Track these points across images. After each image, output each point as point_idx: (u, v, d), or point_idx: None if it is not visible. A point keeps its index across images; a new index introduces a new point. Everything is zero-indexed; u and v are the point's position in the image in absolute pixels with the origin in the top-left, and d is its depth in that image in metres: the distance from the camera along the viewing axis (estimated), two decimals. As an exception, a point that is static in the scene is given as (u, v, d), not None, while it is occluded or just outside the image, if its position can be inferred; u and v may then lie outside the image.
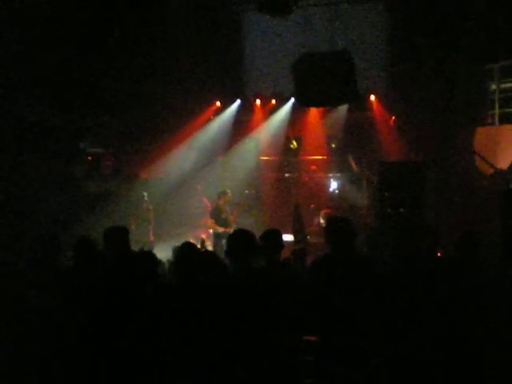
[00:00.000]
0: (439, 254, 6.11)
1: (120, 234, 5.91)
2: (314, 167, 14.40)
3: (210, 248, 10.93)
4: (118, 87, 13.14)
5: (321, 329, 4.61)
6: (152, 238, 11.99)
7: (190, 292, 4.50)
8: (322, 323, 4.59)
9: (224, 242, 9.72)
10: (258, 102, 15.14)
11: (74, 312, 4.76)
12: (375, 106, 14.31)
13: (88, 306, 4.74)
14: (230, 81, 14.80)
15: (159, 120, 14.03)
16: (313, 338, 4.60)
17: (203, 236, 11.94)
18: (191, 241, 9.81)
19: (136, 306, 4.52)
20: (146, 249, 9.71)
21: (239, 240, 4.84)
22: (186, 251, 4.91)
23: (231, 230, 9.86)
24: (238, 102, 15.21)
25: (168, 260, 6.99)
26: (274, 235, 5.19)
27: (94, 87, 12.54)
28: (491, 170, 12.03)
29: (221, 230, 11.30)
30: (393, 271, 4.91)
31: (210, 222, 11.66)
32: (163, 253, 8.61)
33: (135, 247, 6.66)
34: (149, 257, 4.99)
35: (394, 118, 13.96)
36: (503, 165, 11.82)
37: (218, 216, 11.66)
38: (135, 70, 13.18)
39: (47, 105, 11.43)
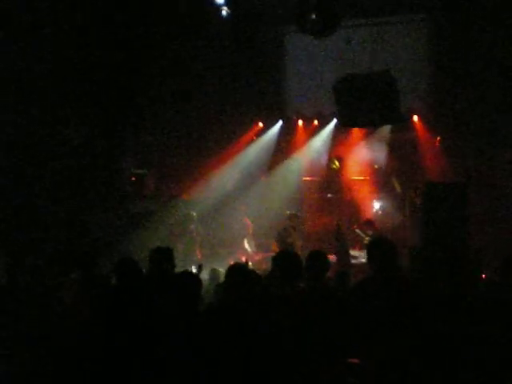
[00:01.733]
0: (484, 277, 6.01)
1: (165, 255, 5.96)
2: (356, 188, 14.31)
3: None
4: (161, 108, 13.32)
5: (364, 351, 4.55)
6: (200, 256, 12.03)
7: (234, 314, 4.49)
8: (364, 345, 4.53)
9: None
10: (300, 122, 15.17)
11: (111, 330, 4.81)
12: (418, 126, 14.20)
13: (126, 324, 4.77)
14: (272, 102, 14.84)
15: (202, 141, 14.16)
16: (356, 361, 4.55)
17: (244, 258, 11.93)
18: (231, 262, 9.86)
19: (177, 328, 4.54)
20: (195, 268, 9.80)
21: (284, 261, 4.83)
22: (237, 273, 4.87)
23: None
24: (280, 122, 15.25)
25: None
26: (319, 257, 5.16)
27: (136, 108, 12.73)
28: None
29: None
30: (436, 293, 4.84)
31: (274, 245, 11.32)
32: (204, 274, 8.67)
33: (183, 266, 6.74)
34: (192, 278, 5.01)
35: (439, 138, 13.83)
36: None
37: (282, 240, 11.44)
38: (178, 91, 13.34)
39: (91, 126, 11.62)
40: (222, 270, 4.98)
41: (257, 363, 4.23)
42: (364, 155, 14.53)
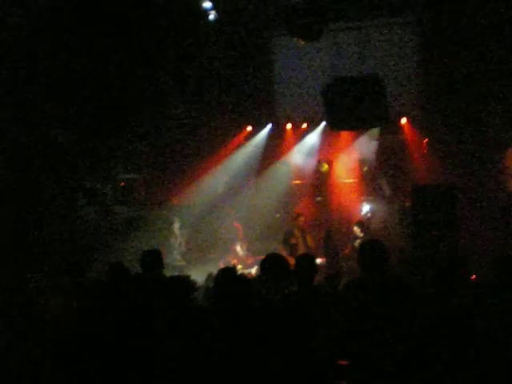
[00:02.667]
0: (474, 278, 6.03)
1: (154, 257, 5.99)
2: (345, 191, 14.34)
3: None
4: (150, 113, 13.31)
5: (352, 353, 4.55)
6: (183, 262, 12.06)
7: (225, 317, 4.50)
8: (353, 347, 4.54)
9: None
10: (289, 126, 15.16)
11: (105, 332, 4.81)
12: (407, 128, 14.24)
13: (117, 328, 4.77)
14: (261, 105, 14.83)
15: (191, 145, 14.15)
16: (344, 363, 4.56)
17: (234, 261, 11.94)
18: (221, 266, 9.89)
19: (169, 330, 4.54)
20: (176, 273, 9.82)
21: (271, 264, 4.83)
22: (227, 276, 4.88)
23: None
24: (269, 126, 15.25)
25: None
26: (307, 260, 5.16)
27: (125, 113, 12.71)
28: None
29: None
30: (426, 295, 4.85)
31: (280, 247, 11.27)
32: (194, 277, 8.64)
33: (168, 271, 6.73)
34: (186, 282, 5.03)
35: (426, 140, 13.88)
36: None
37: (286, 242, 11.43)
38: (166, 96, 13.34)
39: (80, 130, 11.60)
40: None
41: (246, 365, 4.24)
42: (353, 158, 14.56)
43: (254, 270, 11.03)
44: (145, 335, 4.68)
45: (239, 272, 10.86)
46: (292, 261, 5.20)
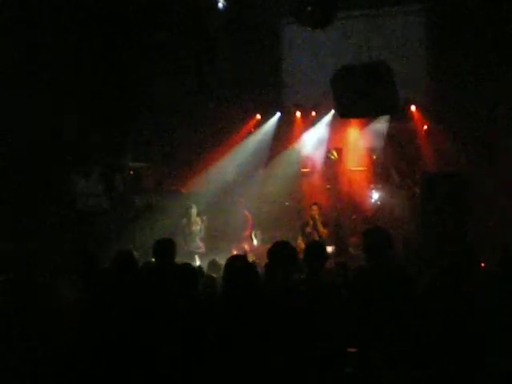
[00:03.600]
0: (483, 266, 6.03)
1: (166, 246, 6.03)
2: (354, 178, 14.33)
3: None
4: (158, 102, 13.33)
5: (360, 341, 4.59)
6: (203, 249, 12.08)
7: (233, 305, 4.53)
8: (360, 335, 4.57)
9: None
10: (298, 114, 15.14)
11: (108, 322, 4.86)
12: (416, 116, 14.21)
13: (125, 318, 4.82)
14: (269, 93, 14.82)
15: (199, 134, 14.15)
16: (352, 350, 4.59)
17: (247, 249, 11.97)
18: (234, 252, 9.94)
19: (176, 318, 4.59)
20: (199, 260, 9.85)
21: (278, 252, 4.86)
22: (236, 264, 4.89)
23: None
24: (278, 114, 15.24)
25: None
26: (317, 247, 5.19)
27: (135, 102, 12.74)
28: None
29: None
30: (433, 283, 4.86)
31: (297, 237, 11.28)
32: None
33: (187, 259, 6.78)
34: (188, 269, 5.06)
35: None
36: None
37: (302, 231, 11.43)
38: (175, 86, 13.35)
39: (90, 121, 11.64)
40: (223, 263, 4.99)
41: (254, 353, 4.28)
42: (362, 146, 14.55)
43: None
44: (148, 326, 4.73)
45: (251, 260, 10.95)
46: None
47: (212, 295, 5.54)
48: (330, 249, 10.12)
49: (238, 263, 4.87)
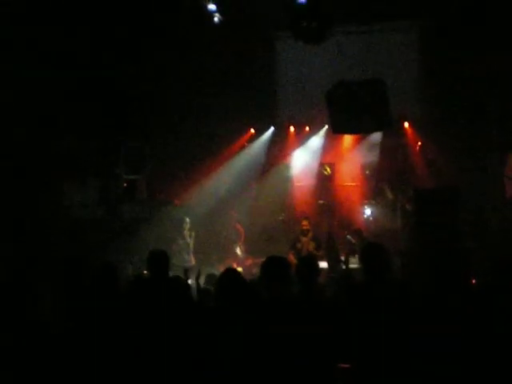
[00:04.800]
0: (474, 281, 6.04)
1: (160, 258, 5.97)
2: (347, 194, 14.36)
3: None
4: (153, 114, 13.35)
5: (355, 356, 4.58)
6: (193, 262, 12.08)
7: (226, 318, 4.52)
8: (356, 350, 4.56)
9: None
10: (291, 128, 15.19)
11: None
12: (409, 132, 14.28)
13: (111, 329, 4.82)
14: (263, 108, 14.85)
15: (193, 147, 14.16)
16: (346, 366, 4.58)
17: (234, 264, 11.97)
18: (222, 268, 9.90)
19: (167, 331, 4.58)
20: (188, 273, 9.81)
21: (272, 267, 4.84)
22: (230, 277, 4.88)
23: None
24: (272, 128, 15.28)
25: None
26: (310, 261, 5.18)
27: (128, 114, 12.75)
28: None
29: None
30: (429, 298, 4.87)
31: (288, 252, 11.07)
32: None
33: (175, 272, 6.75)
34: (178, 282, 5.06)
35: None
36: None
37: (293, 247, 11.28)
38: (169, 98, 13.37)
39: (84, 132, 11.63)
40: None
41: (245, 368, 4.27)
42: (355, 161, 14.59)
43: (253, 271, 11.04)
44: (138, 338, 4.73)
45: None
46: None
47: (208, 308, 5.52)
48: (322, 264, 10.09)
49: (230, 277, 4.87)
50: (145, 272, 6.57)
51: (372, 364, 4.45)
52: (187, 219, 12.55)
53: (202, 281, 7.76)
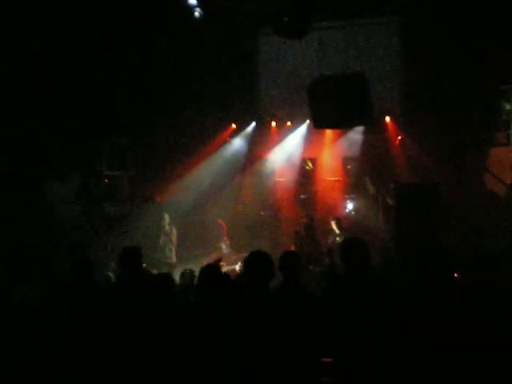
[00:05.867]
0: (456, 276, 6.08)
1: (133, 255, 5.93)
2: (329, 188, 14.40)
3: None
4: (135, 111, 13.29)
5: (336, 350, 4.59)
6: (174, 259, 12.09)
7: (207, 314, 4.52)
8: (337, 345, 4.58)
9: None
10: (273, 123, 15.21)
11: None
12: (390, 127, 14.34)
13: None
14: (245, 103, 14.87)
15: (175, 142, 14.14)
16: (328, 360, 4.60)
17: (216, 257, 11.96)
18: (205, 263, 9.90)
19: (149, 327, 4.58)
20: (168, 270, 9.84)
21: (255, 261, 4.85)
22: (210, 273, 4.89)
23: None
24: (254, 123, 15.29)
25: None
26: (292, 256, 5.18)
27: (110, 111, 12.68)
28: (504, 191, 12.02)
29: None
30: (409, 292, 4.90)
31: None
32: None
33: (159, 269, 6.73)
34: (165, 280, 5.05)
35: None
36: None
37: (296, 244, 11.36)
38: (152, 94, 13.33)
39: (65, 128, 11.56)
40: (197, 271, 4.98)
41: (229, 361, 4.28)
42: (337, 156, 14.64)
43: (237, 267, 11.06)
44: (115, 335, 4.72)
45: (223, 270, 10.91)
46: None
47: (185, 304, 5.52)
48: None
49: (211, 273, 4.87)
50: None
51: (354, 358, 4.48)
52: (166, 215, 12.54)
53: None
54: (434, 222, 10.63)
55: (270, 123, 15.21)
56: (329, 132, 14.60)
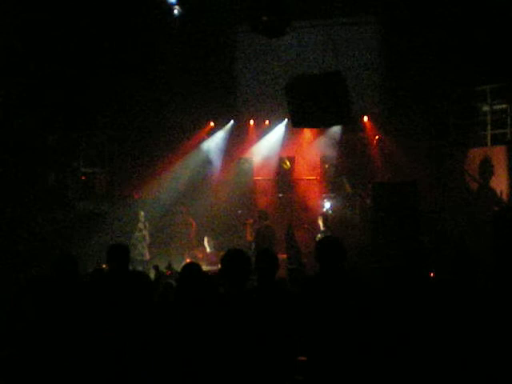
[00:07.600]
0: (432, 275, 6.12)
1: (120, 252, 5.91)
2: (307, 187, 14.43)
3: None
4: (113, 107, 13.23)
5: (310, 348, 4.60)
6: (148, 256, 12.08)
7: (186, 312, 4.51)
8: (311, 343, 4.59)
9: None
10: (251, 122, 15.20)
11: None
12: (368, 126, 14.41)
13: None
14: (223, 101, 14.86)
15: (153, 140, 14.09)
16: (303, 358, 4.60)
17: (201, 256, 11.93)
18: (187, 260, 9.92)
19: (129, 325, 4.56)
20: (141, 267, 9.83)
21: (231, 260, 4.84)
22: (191, 271, 4.87)
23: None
24: (232, 122, 15.27)
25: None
26: (268, 255, 5.17)
27: (88, 108, 12.61)
28: (483, 191, 12.13)
29: None
30: (385, 290, 4.92)
31: None
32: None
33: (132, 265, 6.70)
34: (140, 277, 5.04)
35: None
36: (495, 185, 11.94)
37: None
38: (129, 92, 13.26)
39: (42, 124, 11.47)
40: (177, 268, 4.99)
41: (205, 361, 4.27)
42: (315, 155, 14.68)
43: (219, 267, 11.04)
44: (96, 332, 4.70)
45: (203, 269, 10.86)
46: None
47: (165, 302, 5.51)
48: (281, 257, 10.13)
49: (192, 271, 4.85)
50: (104, 266, 6.49)
51: (328, 357, 4.48)
52: (142, 212, 12.51)
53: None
54: (410, 221, 10.69)
55: (249, 122, 15.21)
56: (307, 131, 14.64)
